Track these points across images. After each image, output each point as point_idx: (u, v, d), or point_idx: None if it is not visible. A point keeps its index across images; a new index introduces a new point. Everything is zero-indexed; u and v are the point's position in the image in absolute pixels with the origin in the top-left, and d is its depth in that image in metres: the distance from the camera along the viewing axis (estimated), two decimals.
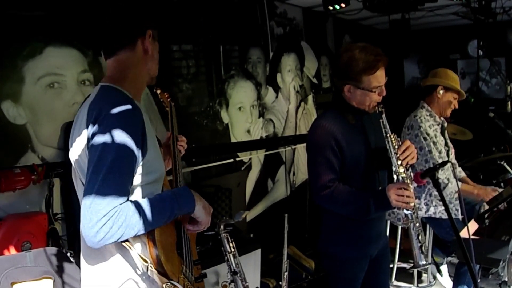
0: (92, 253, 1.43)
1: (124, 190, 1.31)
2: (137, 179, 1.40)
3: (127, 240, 1.34)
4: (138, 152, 1.35)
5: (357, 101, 2.09)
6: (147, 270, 1.36)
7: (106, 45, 1.50)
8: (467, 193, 3.15)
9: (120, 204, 1.28)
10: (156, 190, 1.48)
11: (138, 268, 1.41)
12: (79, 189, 1.45)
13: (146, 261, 1.36)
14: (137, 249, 1.38)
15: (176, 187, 1.72)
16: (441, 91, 3.18)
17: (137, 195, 1.41)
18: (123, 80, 1.48)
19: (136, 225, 1.30)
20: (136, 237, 1.35)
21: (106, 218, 1.24)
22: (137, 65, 1.51)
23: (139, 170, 1.39)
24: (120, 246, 1.37)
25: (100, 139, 1.31)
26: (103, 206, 1.25)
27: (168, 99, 2.02)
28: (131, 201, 1.32)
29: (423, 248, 1.98)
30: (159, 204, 1.37)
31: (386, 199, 1.95)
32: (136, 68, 1.51)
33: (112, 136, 1.31)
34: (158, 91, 1.96)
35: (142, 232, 1.32)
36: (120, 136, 1.31)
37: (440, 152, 3.13)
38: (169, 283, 1.35)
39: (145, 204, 1.34)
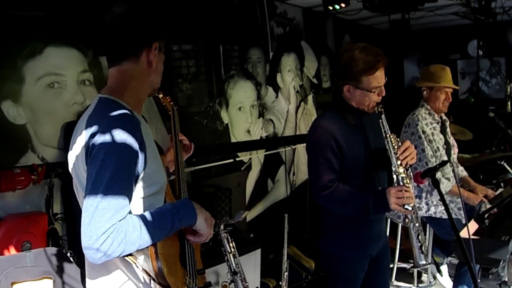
0: (96, 265, 1.41)
1: (123, 205, 1.28)
2: (139, 192, 1.39)
3: (130, 254, 1.33)
4: (136, 167, 1.34)
5: (357, 101, 2.09)
6: (150, 283, 1.35)
7: (110, 54, 1.48)
8: (457, 195, 3.15)
9: (120, 220, 1.26)
10: (158, 201, 1.47)
11: (141, 282, 1.39)
12: (81, 201, 1.44)
13: (149, 275, 1.34)
14: (140, 262, 1.37)
15: (179, 192, 1.70)
16: (425, 92, 3.26)
17: (138, 207, 1.40)
18: (123, 91, 1.45)
19: (137, 241, 1.28)
20: (139, 249, 1.33)
21: (106, 235, 1.23)
22: (139, 77, 1.49)
23: (140, 183, 1.38)
24: (124, 259, 1.36)
25: (98, 154, 1.29)
26: (102, 224, 1.23)
27: (171, 103, 2.01)
28: (131, 216, 1.31)
29: (423, 248, 1.98)
30: (160, 218, 1.35)
31: (385, 201, 1.95)
32: (138, 80, 1.48)
33: (110, 151, 1.29)
34: (160, 95, 1.95)
35: (143, 246, 1.31)
36: (118, 151, 1.29)
37: (435, 151, 3.14)
38: None
39: (145, 218, 1.32)
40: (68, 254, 2.49)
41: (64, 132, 2.88)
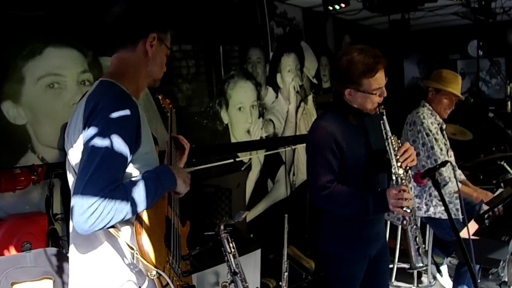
0: (83, 242, 1.46)
1: (115, 179, 1.33)
2: (132, 171, 1.44)
3: (114, 227, 1.36)
4: (131, 144, 1.38)
5: (358, 104, 2.08)
6: (134, 258, 1.37)
7: (109, 42, 1.55)
8: (466, 195, 3.15)
9: (110, 191, 1.31)
10: None
11: (126, 258, 1.43)
12: (71, 178, 1.51)
13: (132, 249, 1.37)
14: (125, 237, 1.40)
15: None
16: (432, 93, 3.22)
17: None
18: (122, 77, 1.51)
19: (125, 208, 1.32)
20: (124, 224, 1.38)
21: (97, 204, 1.27)
22: (136, 66, 1.55)
23: (133, 162, 1.43)
24: (109, 235, 1.39)
25: (95, 129, 1.34)
26: (95, 193, 1.28)
27: (170, 105, 2.03)
28: (119, 186, 1.35)
29: (420, 250, 1.98)
30: (145, 186, 1.39)
31: (385, 201, 1.95)
32: (135, 68, 1.55)
33: (107, 127, 1.34)
34: (160, 97, 1.97)
35: (129, 215, 1.35)
36: (115, 127, 1.35)
37: (441, 149, 3.13)
38: (154, 271, 1.36)
39: (131, 187, 1.36)
40: (68, 255, 2.48)
41: (64, 133, 2.88)
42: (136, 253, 1.36)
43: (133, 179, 1.41)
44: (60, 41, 2.88)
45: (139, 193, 1.37)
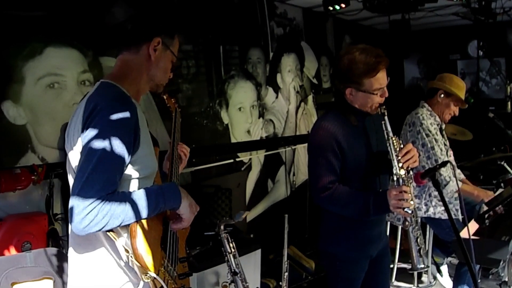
0: (82, 242, 1.47)
1: (112, 181, 1.34)
2: (131, 173, 1.44)
3: (112, 231, 1.37)
4: (129, 146, 1.39)
5: (360, 104, 2.08)
6: (128, 261, 1.38)
7: (114, 43, 1.55)
8: (467, 194, 3.15)
9: (108, 194, 1.31)
10: (147, 186, 1.51)
11: (122, 260, 1.43)
12: (71, 179, 1.50)
13: (127, 251, 1.38)
14: (121, 239, 1.41)
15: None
16: (442, 95, 3.19)
17: (131, 188, 1.45)
18: (123, 79, 1.52)
19: (121, 215, 1.33)
20: (121, 227, 1.38)
21: (92, 206, 1.28)
22: (138, 69, 1.56)
23: (132, 164, 1.43)
24: (108, 236, 1.40)
25: (93, 130, 1.35)
26: (91, 194, 1.28)
27: (175, 105, 2.03)
28: (118, 191, 1.36)
29: (421, 251, 1.98)
30: (146, 196, 1.39)
31: (386, 202, 1.94)
32: (137, 71, 1.55)
33: (105, 128, 1.35)
34: (165, 96, 1.97)
35: (127, 222, 1.35)
36: (113, 129, 1.35)
37: (441, 150, 3.13)
38: (148, 275, 1.37)
39: (131, 195, 1.37)
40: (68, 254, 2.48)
41: (64, 133, 2.88)
42: (131, 256, 1.37)
43: (136, 190, 1.42)
44: (60, 41, 2.88)
45: (139, 202, 1.37)
